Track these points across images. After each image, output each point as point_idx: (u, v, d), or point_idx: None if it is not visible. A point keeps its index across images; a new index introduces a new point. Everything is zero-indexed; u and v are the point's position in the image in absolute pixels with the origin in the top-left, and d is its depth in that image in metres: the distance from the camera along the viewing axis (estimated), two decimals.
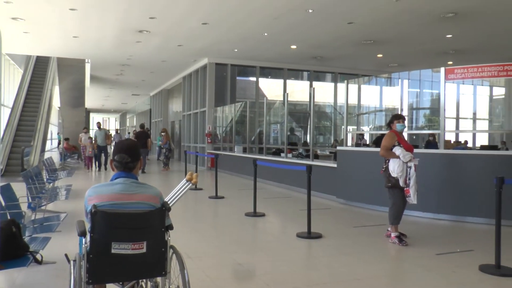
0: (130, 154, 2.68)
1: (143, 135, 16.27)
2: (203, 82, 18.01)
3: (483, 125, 19.15)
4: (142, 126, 17.51)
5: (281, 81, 18.65)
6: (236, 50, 15.55)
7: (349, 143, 11.42)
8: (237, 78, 18.85)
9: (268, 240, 6.03)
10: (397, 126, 5.72)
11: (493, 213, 4.52)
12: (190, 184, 3.21)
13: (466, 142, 14.99)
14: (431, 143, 12.47)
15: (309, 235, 5.80)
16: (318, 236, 5.81)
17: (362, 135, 13.46)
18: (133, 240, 2.44)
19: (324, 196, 9.25)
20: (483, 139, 16.21)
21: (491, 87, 19.22)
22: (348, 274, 4.36)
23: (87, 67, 20.92)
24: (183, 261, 2.65)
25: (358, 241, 5.75)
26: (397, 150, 5.48)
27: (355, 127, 12.92)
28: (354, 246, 5.50)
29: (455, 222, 7.00)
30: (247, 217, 7.25)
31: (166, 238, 2.60)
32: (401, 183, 5.43)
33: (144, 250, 2.47)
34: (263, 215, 7.38)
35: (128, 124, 45.62)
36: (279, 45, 14.65)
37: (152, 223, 2.54)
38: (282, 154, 11.97)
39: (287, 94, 12.30)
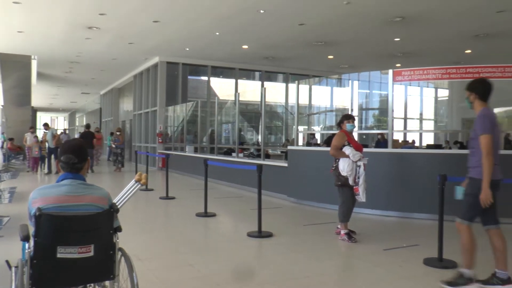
0: (77, 154, 2.58)
1: (89, 135, 15.88)
2: (154, 81, 17.73)
3: (429, 125, 19.95)
4: (87, 126, 17.19)
5: (233, 80, 18.66)
6: (187, 49, 15.41)
7: (300, 142, 11.58)
8: (189, 77, 18.70)
9: (219, 240, 6.01)
10: (347, 126, 5.84)
11: (437, 209, 4.70)
12: (139, 185, 3.14)
13: (413, 141, 15.54)
14: (381, 141, 12.84)
15: (260, 234, 5.83)
16: (269, 235, 5.85)
17: (313, 134, 13.67)
18: (80, 243, 2.36)
19: (275, 195, 9.32)
20: (429, 139, 16.84)
21: (436, 89, 20.05)
22: (298, 272, 4.41)
23: (34, 64, 20.04)
24: (132, 264, 2.59)
25: (308, 239, 5.83)
26: (347, 150, 5.60)
27: (306, 127, 13.11)
28: (304, 244, 5.57)
29: (402, 219, 7.24)
30: (198, 218, 7.19)
31: (114, 241, 2.54)
32: (351, 182, 5.55)
33: (92, 253, 2.39)
34: (214, 215, 7.35)
35: (77, 124, 44.25)
36: (231, 45, 14.65)
37: (100, 225, 2.46)
38: (234, 154, 11.97)
39: (239, 94, 12.32)
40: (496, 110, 17.05)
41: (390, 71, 7.85)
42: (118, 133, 16.73)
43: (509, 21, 11.70)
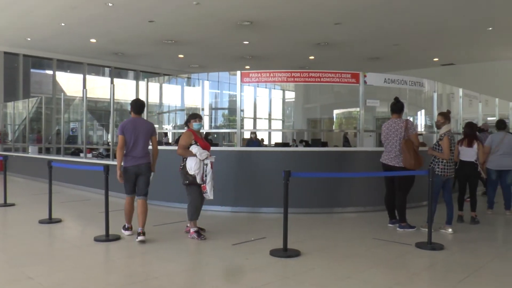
0: None
1: None
2: None
3: (278, 124, 21.15)
4: None
5: (81, 76, 17.60)
6: (29, 39, 14.09)
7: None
8: (32, 70, 17.10)
9: (64, 247, 5.59)
10: (194, 125, 5.89)
11: (282, 203, 4.99)
12: None
13: (262, 140, 16.29)
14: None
15: (108, 238, 5.58)
16: (117, 238, 5.64)
17: (165, 133, 13.54)
18: None
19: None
20: (277, 137, 17.80)
21: (283, 91, 21.33)
22: (147, 274, 4.33)
23: None
24: None
25: (158, 240, 5.75)
26: (194, 149, 5.65)
27: (157, 126, 12.92)
28: (153, 245, 5.48)
29: (251, 214, 7.56)
30: (42, 225, 6.61)
31: None
32: (198, 180, 5.61)
33: None
34: (59, 221, 6.83)
35: None
36: (78, 38, 13.80)
37: None
38: (82, 154, 11.29)
39: (86, 90, 11.63)
40: (336, 112, 18.82)
41: (238, 72, 8.12)
42: None
43: (345, 32, 13.01)
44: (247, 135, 14.53)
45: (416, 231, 6.19)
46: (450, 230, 6.14)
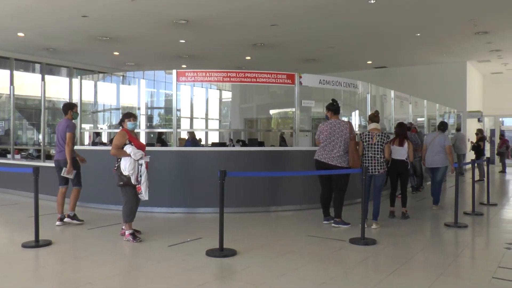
0: None
1: None
2: None
3: (214, 124, 21.11)
4: None
5: (8, 72, 16.64)
6: None
7: (86, 142, 11.00)
8: None
9: None
10: (128, 124, 5.77)
11: (218, 202, 5.00)
12: None
13: (200, 139, 16.21)
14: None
15: (37, 243, 5.33)
16: (48, 244, 5.40)
17: (97, 133, 13.11)
18: None
19: (54, 198, 8.62)
20: (214, 137, 17.75)
21: (220, 91, 21.33)
22: (80, 279, 4.20)
23: None
24: None
25: (92, 243, 5.59)
26: (128, 149, 5.53)
27: (92, 125, 12.53)
28: (88, 249, 5.32)
29: (187, 214, 7.52)
30: None
31: None
32: (133, 181, 5.51)
33: None
34: None
35: None
36: (4, 31, 13.00)
37: None
38: (9, 156, 10.71)
39: (13, 87, 11.03)
40: (272, 112, 19.08)
41: (174, 71, 8.05)
42: None
43: (281, 34, 13.21)
44: (183, 135, 14.41)
45: (351, 227, 6.42)
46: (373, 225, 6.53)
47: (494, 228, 6.96)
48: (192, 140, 12.55)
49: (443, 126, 8.50)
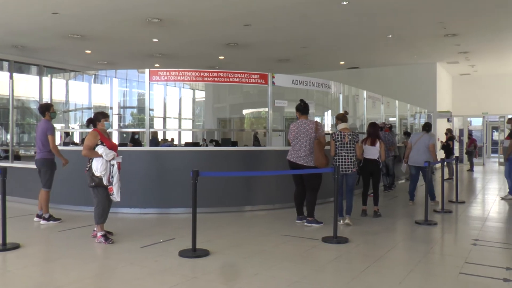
0: None
1: None
2: None
3: (188, 124, 20.99)
4: None
5: None
6: None
7: (58, 141, 10.77)
8: None
9: None
10: (105, 124, 5.71)
11: (191, 202, 4.98)
12: None
13: (172, 139, 16.10)
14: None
15: (5, 247, 5.18)
16: (15, 247, 5.25)
17: (67, 133, 12.86)
18: None
19: (27, 201, 8.43)
20: (188, 137, 17.66)
21: (193, 90, 21.22)
22: (49, 283, 4.13)
23: None
24: None
25: (63, 246, 5.49)
26: (100, 149, 5.45)
27: (63, 125, 12.27)
28: (58, 252, 5.23)
29: (160, 215, 7.45)
30: None
31: None
32: (105, 182, 5.43)
33: None
34: None
35: None
36: None
37: None
38: None
39: None
40: (245, 111, 19.10)
41: (147, 70, 7.98)
42: None
43: (254, 34, 13.24)
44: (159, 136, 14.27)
45: (323, 226, 6.48)
46: (343, 221, 6.69)
47: (462, 225, 7.15)
48: (152, 140, 12.45)
49: (427, 127, 8.90)
